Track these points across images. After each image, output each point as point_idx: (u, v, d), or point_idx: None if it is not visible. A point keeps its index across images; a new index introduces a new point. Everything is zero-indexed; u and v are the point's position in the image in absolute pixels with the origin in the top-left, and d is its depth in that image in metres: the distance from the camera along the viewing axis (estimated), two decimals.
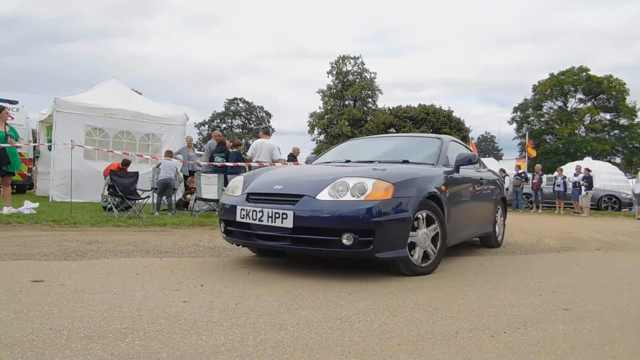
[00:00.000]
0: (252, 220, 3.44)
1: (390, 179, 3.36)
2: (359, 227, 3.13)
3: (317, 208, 3.22)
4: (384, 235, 3.20)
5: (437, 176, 3.93)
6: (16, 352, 1.74)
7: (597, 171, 18.53)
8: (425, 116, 41.91)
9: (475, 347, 1.96)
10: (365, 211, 3.14)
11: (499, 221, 5.74)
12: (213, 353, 1.81)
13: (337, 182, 3.35)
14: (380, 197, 3.21)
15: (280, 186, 3.55)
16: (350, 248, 3.14)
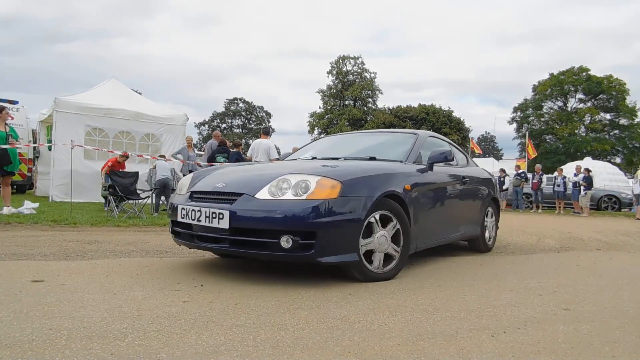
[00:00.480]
0: (191, 220, 3.25)
1: (338, 176, 3.10)
2: (299, 229, 2.88)
3: (255, 207, 2.98)
4: (328, 237, 2.94)
5: (402, 174, 3.63)
6: (16, 352, 1.74)
7: (597, 171, 18.53)
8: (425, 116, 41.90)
9: (475, 347, 1.96)
10: (305, 211, 2.87)
11: (489, 223, 5.31)
12: (213, 353, 1.81)
13: (279, 179, 3.11)
14: (324, 196, 2.95)
15: (222, 184, 3.34)
16: (290, 251, 2.90)
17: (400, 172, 3.65)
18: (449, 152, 4.02)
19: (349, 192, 3.07)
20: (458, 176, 4.62)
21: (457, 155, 5.13)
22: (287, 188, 3.04)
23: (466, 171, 4.91)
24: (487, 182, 5.35)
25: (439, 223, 4.21)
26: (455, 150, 5.12)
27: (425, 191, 3.90)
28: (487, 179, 5.40)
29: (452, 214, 4.48)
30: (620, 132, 41.57)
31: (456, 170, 4.71)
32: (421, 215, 3.75)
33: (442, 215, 4.28)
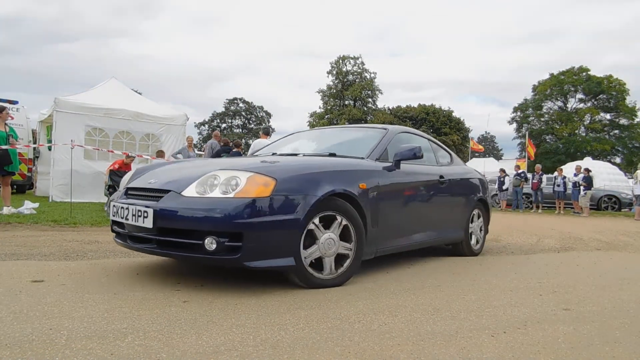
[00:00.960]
0: (121, 219, 3.08)
1: (273, 173, 2.86)
2: (224, 230, 2.65)
3: (179, 206, 2.78)
4: (258, 240, 2.70)
5: (357, 171, 3.36)
6: (16, 352, 1.74)
7: (597, 171, 18.54)
8: (425, 116, 41.94)
9: (475, 347, 1.96)
10: (231, 210, 2.64)
11: (476, 227, 4.96)
12: (213, 353, 1.81)
13: (207, 175, 2.89)
14: (255, 194, 2.71)
15: (154, 180, 3.15)
16: (215, 254, 2.67)
17: (356, 170, 3.37)
18: (418, 148, 3.69)
19: (286, 191, 2.82)
20: (434, 175, 4.33)
21: (438, 152, 4.86)
22: (216, 185, 2.82)
23: (446, 170, 4.61)
24: (473, 183, 5.03)
25: (408, 225, 3.92)
26: (436, 148, 4.87)
27: (389, 191, 3.61)
28: (473, 179, 5.07)
29: (426, 215, 4.20)
30: (620, 132, 41.59)
31: (432, 169, 4.41)
32: (383, 217, 3.49)
33: (413, 217, 4.00)
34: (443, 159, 4.88)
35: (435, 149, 4.84)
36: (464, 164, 5.35)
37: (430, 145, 4.74)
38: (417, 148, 3.71)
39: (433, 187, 4.27)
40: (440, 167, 4.58)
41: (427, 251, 5.04)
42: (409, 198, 3.93)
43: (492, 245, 5.85)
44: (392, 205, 3.66)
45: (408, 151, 3.72)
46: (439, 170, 4.48)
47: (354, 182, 3.25)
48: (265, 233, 2.73)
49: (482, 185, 5.22)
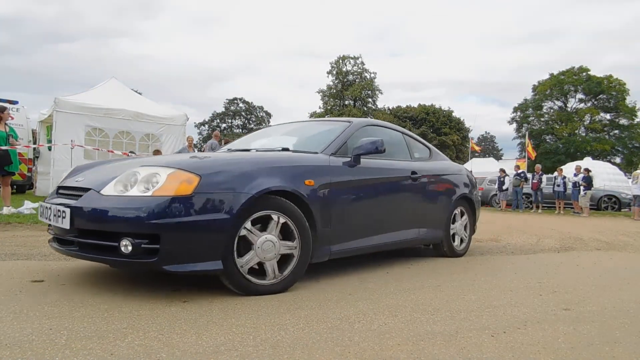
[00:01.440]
0: (46, 219, 2.94)
1: (197, 169, 2.64)
2: (139, 231, 2.46)
3: (96, 205, 2.60)
4: (178, 242, 2.49)
5: (304, 167, 3.10)
6: (16, 352, 1.74)
7: (597, 171, 18.54)
8: (425, 116, 41.94)
9: (475, 347, 1.96)
10: (147, 210, 2.44)
11: (459, 225, 4.68)
12: (213, 353, 1.81)
13: (128, 172, 2.72)
14: (175, 192, 2.50)
15: (82, 178, 2.99)
16: (131, 257, 2.47)
17: (301, 165, 3.11)
18: (379, 142, 3.43)
19: (212, 188, 2.60)
20: (405, 171, 4.03)
21: (414, 147, 4.54)
22: (135, 182, 2.63)
23: (421, 166, 4.31)
24: (455, 179, 4.72)
25: (372, 225, 3.63)
26: (411, 142, 4.55)
27: (346, 188, 3.36)
28: (455, 175, 4.77)
29: (395, 214, 3.91)
30: (620, 132, 41.61)
31: (403, 165, 4.10)
32: (338, 216, 3.24)
33: (378, 216, 3.69)
34: (420, 154, 4.61)
35: (411, 143, 4.54)
36: (446, 160, 5.05)
37: (404, 139, 4.45)
38: (379, 141, 3.43)
39: (403, 183, 3.99)
40: (414, 163, 4.29)
41: (427, 251, 5.04)
42: (371, 195, 3.63)
43: (492, 245, 5.85)
44: (350, 204, 3.41)
45: (370, 144, 3.43)
46: (412, 165, 4.18)
47: (298, 179, 3.00)
48: (186, 234, 2.51)
49: (467, 182, 4.92)
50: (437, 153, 4.93)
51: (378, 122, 4.38)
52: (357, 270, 3.71)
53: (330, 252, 3.23)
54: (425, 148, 4.78)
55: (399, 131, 4.54)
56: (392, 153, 4.10)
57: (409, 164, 4.19)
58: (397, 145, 4.34)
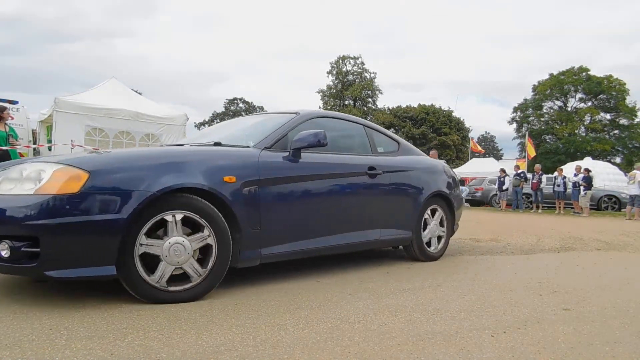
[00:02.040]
0: None
1: (87, 165, 2.39)
2: (17, 233, 2.26)
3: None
4: (60, 245, 2.27)
5: (224, 162, 2.84)
6: (16, 352, 1.75)
7: (597, 171, 18.55)
8: (425, 116, 41.94)
9: (475, 347, 1.96)
10: (27, 209, 2.24)
11: (432, 226, 4.30)
12: (213, 353, 1.81)
13: (15, 168, 2.51)
14: (59, 190, 2.27)
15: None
16: (11, 262, 2.26)
17: (221, 160, 2.85)
18: (322, 134, 3.14)
19: (103, 186, 2.37)
20: (360, 166, 3.69)
21: (377, 140, 4.17)
22: (20, 179, 2.42)
23: (383, 160, 3.94)
24: (427, 175, 4.35)
25: (315, 226, 3.32)
26: (373, 135, 4.15)
27: (281, 184, 3.08)
28: (427, 171, 4.39)
29: (346, 214, 3.57)
30: (620, 132, 41.60)
31: (358, 159, 3.75)
32: (270, 216, 2.97)
33: (323, 216, 3.39)
34: (386, 148, 4.24)
35: (374, 136, 4.16)
36: (420, 155, 4.64)
37: (365, 132, 4.07)
38: (321, 134, 3.15)
39: (358, 180, 3.65)
40: (375, 157, 3.91)
41: None
42: (315, 193, 3.33)
43: (492, 245, 5.84)
44: (287, 203, 3.13)
45: (312, 137, 3.13)
46: (370, 160, 3.82)
47: (215, 175, 2.73)
48: (70, 237, 2.28)
49: (444, 179, 4.55)
50: (407, 148, 4.51)
51: (332, 114, 4.10)
52: (357, 270, 3.71)
53: (261, 256, 2.94)
54: (392, 142, 4.36)
55: (360, 124, 4.17)
56: (349, 147, 3.88)
57: (367, 159, 3.82)
58: (356, 138, 4.03)
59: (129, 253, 2.40)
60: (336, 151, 3.64)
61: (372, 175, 3.73)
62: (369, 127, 4.22)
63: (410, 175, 4.16)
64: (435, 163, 4.70)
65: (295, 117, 3.48)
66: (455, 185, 4.74)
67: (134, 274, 2.42)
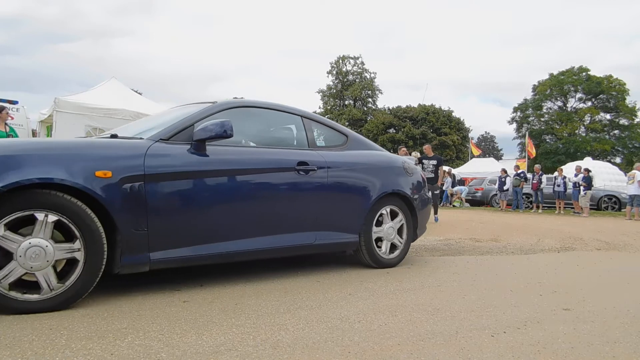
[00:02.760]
0: None
1: None
2: None
3: None
4: None
5: (98, 155, 2.54)
6: (16, 352, 1.75)
7: (597, 171, 18.54)
8: (425, 116, 41.91)
9: (475, 347, 1.96)
10: None
11: (388, 229, 3.81)
12: (213, 353, 1.81)
13: None
14: None
15: None
16: None
17: (95, 153, 2.54)
18: (228, 124, 2.84)
19: None
20: (287, 161, 3.30)
21: (317, 132, 3.83)
22: None
23: (320, 155, 3.51)
24: (380, 172, 3.84)
25: (222, 228, 2.95)
26: (313, 126, 3.73)
27: (176, 180, 2.75)
28: (381, 168, 3.88)
29: (266, 215, 3.16)
30: (620, 132, 41.60)
31: (285, 153, 3.38)
32: (160, 216, 2.67)
33: (233, 217, 3.01)
34: (329, 142, 3.88)
35: (313, 128, 3.72)
36: (374, 149, 4.13)
37: (302, 124, 3.65)
38: (227, 123, 2.84)
39: (282, 176, 3.26)
40: (309, 152, 3.49)
41: (426, 251, 5.04)
42: (223, 191, 2.99)
43: (492, 245, 5.85)
44: (184, 201, 2.79)
45: (217, 127, 2.82)
46: (301, 155, 3.40)
47: (84, 169, 2.43)
48: None
49: (403, 176, 4.02)
50: (358, 142, 4.00)
51: (261, 103, 3.56)
52: (357, 270, 3.71)
53: (150, 261, 2.63)
54: (339, 135, 3.90)
55: (298, 114, 3.70)
56: (278, 140, 3.61)
57: (298, 153, 3.41)
58: (289, 131, 3.70)
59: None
60: (261, 145, 3.35)
61: (304, 171, 3.33)
62: (309, 118, 3.76)
63: (357, 172, 3.71)
64: (392, 159, 4.14)
65: (208, 107, 3.14)
66: (419, 185, 4.22)
67: None
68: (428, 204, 4.37)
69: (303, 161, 3.37)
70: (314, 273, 3.52)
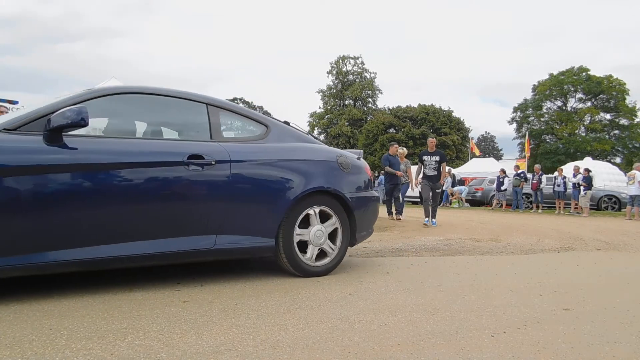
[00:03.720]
0: None
1: None
2: None
3: None
4: None
5: None
6: (16, 352, 1.75)
7: (597, 171, 18.54)
8: (425, 116, 41.91)
9: (475, 347, 1.96)
10: None
11: (314, 233, 3.34)
12: (213, 353, 1.81)
13: None
14: None
15: None
16: None
17: None
18: (84, 111, 2.51)
19: None
20: (172, 154, 2.89)
21: (231, 122, 3.50)
22: None
23: (220, 147, 3.08)
24: (306, 168, 3.39)
25: (83, 230, 2.59)
26: (222, 116, 3.31)
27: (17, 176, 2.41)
28: (307, 163, 3.42)
29: (141, 215, 2.78)
30: (620, 132, 41.61)
31: (170, 145, 2.99)
32: None
33: (99, 217, 2.64)
34: (241, 132, 3.56)
35: (220, 117, 3.29)
36: (304, 141, 3.64)
37: (206, 112, 3.22)
38: (84, 110, 2.51)
39: (166, 171, 2.85)
40: (208, 144, 3.08)
41: (425, 251, 5.04)
42: (84, 188, 2.61)
43: (492, 245, 5.85)
44: (26, 199, 2.45)
45: (74, 114, 2.49)
46: (195, 147, 3.00)
47: None
48: None
49: (339, 174, 3.54)
50: (284, 132, 3.54)
51: (150, 89, 3.11)
52: (357, 270, 3.71)
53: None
54: (256, 125, 3.46)
55: (203, 102, 3.25)
56: (169, 131, 3.32)
57: (190, 145, 3.02)
58: (186, 120, 3.31)
59: None
60: (147, 136, 3.03)
61: (198, 165, 2.94)
62: (217, 106, 3.30)
63: (272, 167, 3.27)
64: (323, 154, 3.60)
65: (77, 94, 2.79)
66: (360, 182, 3.73)
67: None
68: (371, 204, 3.81)
69: (197, 154, 2.96)
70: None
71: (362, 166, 3.88)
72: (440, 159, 8.40)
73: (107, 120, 3.05)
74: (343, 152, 3.85)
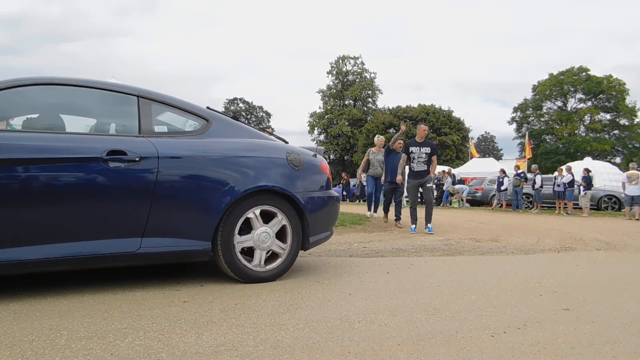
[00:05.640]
0: None
1: None
2: None
3: None
4: None
5: None
6: (16, 352, 1.75)
7: (597, 171, 18.54)
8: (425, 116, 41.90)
9: (475, 347, 1.96)
10: None
11: (258, 236, 3.08)
12: (213, 353, 1.81)
13: None
14: None
15: None
16: None
17: None
18: None
19: None
20: (88, 151, 2.66)
21: (159, 114, 3.17)
22: None
23: (146, 143, 2.83)
24: (242, 165, 3.10)
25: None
26: (154, 108, 3.07)
27: None
28: (251, 160, 3.15)
29: (51, 216, 2.56)
30: (620, 132, 41.61)
31: (88, 141, 2.75)
32: None
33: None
34: (176, 127, 3.29)
35: (152, 110, 3.06)
36: (250, 136, 3.37)
37: (137, 105, 3.00)
38: None
39: (81, 167, 2.62)
40: (132, 138, 2.85)
41: (425, 251, 5.04)
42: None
43: (492, 245, 5.85)
44: None
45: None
46: (115, 142, 2.77)
47: None
48: None
49: (288, 171, 3.28)
50: (227, 127, 3.28)
51: (76, 81, 2.95)
52: (357, 270, 3.71)
53: None
54: (195, 119, 3.24)
55: (132, 94, 3.01)
56: (89, 125, 3.10)
57: (110, 140, 2.80)
58: (110, 113, 3.09)
59: None
60: (63, 131, 2.79)
61: (120, 162, 2.71)
62: (150, 99, 3.06)
63: (208, 163, 3.01)
64: (270, 150, 3.33)
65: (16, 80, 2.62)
66: (315, 182, 3.46)
67: None
68: (328, 204, 3.55)
69: (118, 150, 2.72)
70: (314, 273, 3.52)
71: (317, 164, 3.55)
72: (431, 151, 7.11)
73: (24, 114, 2.88)
74: (296, 148, 3.53)
